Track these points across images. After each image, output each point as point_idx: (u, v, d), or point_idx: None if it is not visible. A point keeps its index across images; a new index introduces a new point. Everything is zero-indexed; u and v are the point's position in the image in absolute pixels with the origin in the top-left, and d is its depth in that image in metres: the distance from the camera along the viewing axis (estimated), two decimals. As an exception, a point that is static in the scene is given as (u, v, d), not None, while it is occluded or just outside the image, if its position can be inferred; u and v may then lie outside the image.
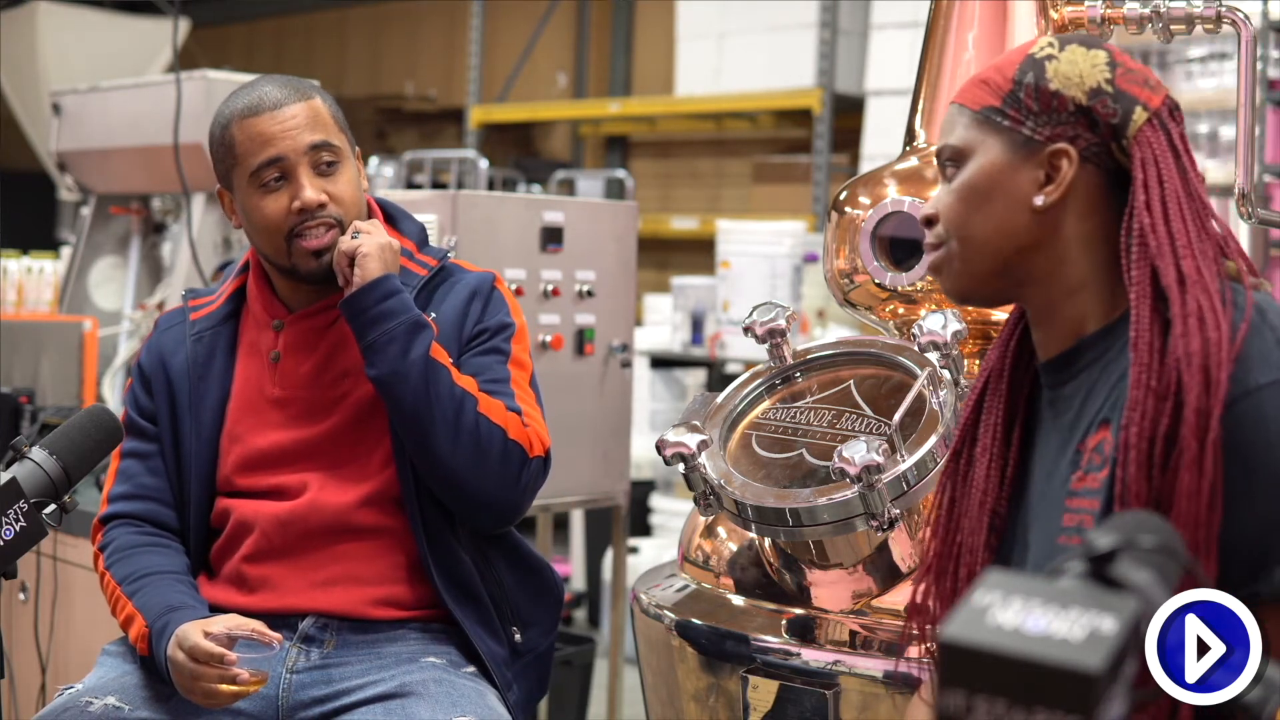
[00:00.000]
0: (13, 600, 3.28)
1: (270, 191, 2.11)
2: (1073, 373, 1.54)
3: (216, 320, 2.23)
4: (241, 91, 2.17)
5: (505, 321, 2.20)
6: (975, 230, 1.54)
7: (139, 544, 2.15)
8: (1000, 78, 1.55)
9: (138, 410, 2.23)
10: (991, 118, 1.54)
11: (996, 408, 1.63)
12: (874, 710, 1.96)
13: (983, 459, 1.62)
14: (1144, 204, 1.48)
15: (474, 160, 7.37)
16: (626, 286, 3.35)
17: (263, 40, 12.14)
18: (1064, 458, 1.52)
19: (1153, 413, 1.39)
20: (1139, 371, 1.42)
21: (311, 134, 2.12)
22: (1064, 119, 1.51)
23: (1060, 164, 1.51)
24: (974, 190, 1.54)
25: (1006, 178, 1.53)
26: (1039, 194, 1.51)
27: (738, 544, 2.19)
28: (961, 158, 1.56)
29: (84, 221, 4.28)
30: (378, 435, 2.14)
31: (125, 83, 4.25)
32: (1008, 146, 1.53)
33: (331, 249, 2.12)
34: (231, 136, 2.13)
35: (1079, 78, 1.51)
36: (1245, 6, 2.25)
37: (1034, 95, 1.52)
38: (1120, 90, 1.51)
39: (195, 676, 1.94)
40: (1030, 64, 1.54)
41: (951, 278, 1.58)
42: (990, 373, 1.65)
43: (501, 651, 2.16)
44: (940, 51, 2.30)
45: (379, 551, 2.13)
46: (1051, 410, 1.57)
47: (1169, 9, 2.20)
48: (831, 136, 7.19)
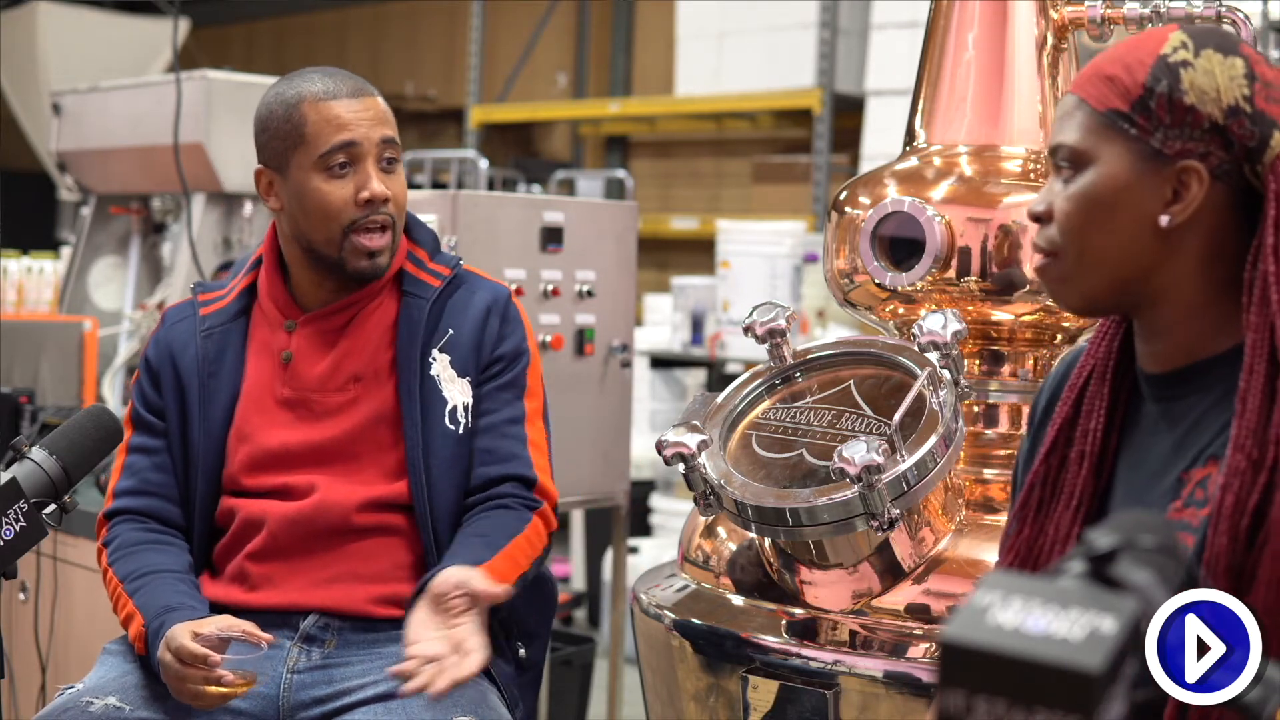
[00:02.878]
0: (13, 600, 3.28)
1: (335, 177, 2.11)
2: (1184, 391, 1.49)
3: (227, 317, 2.23)
4: (303, 77, 2.15)
5: (522, 349, 2.20)
6: (1094, 244, 1.47)
7: (142, 541, 2.15)
8: (1129, 79, 1.46)
9: (145, 405, 2.22)
10: (1117, 123, 1.46)
11: (1098, 411, 1.56)
12: (874, 710, 1.96)
13: (1078, 464, 1.56)
14: (1272, 248, 1.41)
15: (474, 160, 7.37)
16: (626, 286, 3.35)
17: (263, 40, 12.14)
18: (1165, 479, 1.47)
19: (1249, 484, 1.36)
20: (1242, 436, 1.37)
21: (383, 129, 2.13)
22: (1196, 135, 1.43)
23: (1190, 182, 1.44)
24: (1095, 201, 1.46)
25: (1131, 191, 1.45)
26: (1165, 212, 1.44)
27: (738, 544, 2.19)
28: (1081, 160, 1.48)
29: (84, 221, 4.29)
30: (390, 441, 2.14)
31: (125, 83, 4.25)
32: (1134, 157, 1.45)
33: (385, 250, 2.13)
34: (302, 115, 2.11)
35: (1216, 93, 1.43)
36: (1245, 6, 2.26)
37: (1167, 106, 1.44)
38: (1258, 111, 1.44)
39: (181, 678, 1.94)
40: (1164, 69, 1.45)
41: (1065, 293, 1.52)
42: (1090, 373, 1.58)
43: (508, 669, 2.16)
44: (940, 51, 2.30)
45: (383, 550, 2.13)
46: (1156, 423, 1.52)
47: (1169, 9, 2.21)
48: (831, 136, 7.18)
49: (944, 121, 2.29)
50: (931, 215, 2.16)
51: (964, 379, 2.04)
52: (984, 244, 2.16)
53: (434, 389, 2.14)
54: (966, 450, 2.12)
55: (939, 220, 2.16)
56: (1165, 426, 1.50)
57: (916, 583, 2.01)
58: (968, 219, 2.16)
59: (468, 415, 2.15)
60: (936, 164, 2.25)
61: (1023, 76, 2.26)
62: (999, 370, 2.25)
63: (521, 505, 2.13)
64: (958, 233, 2.16)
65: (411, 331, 2.15)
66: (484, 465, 2.14)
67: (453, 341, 2.16)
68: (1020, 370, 2.24)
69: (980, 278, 2.16)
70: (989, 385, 2.23)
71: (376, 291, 2.18)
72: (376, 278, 2.16)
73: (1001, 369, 2.25)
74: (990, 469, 2.14)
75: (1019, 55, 2.26)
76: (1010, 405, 2.21)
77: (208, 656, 1.92)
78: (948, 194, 2.19)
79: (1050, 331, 2.23)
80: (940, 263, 2.16)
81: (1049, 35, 2.27)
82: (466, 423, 2.15)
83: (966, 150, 2.25)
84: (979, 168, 2.22)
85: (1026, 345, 2.24)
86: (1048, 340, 2.24)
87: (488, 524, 2.10)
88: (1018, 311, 2.19)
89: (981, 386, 2.23)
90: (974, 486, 2.11)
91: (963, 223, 2.16)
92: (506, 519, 2.11)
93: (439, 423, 2.13)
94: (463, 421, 2.14)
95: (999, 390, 2.23)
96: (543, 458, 2.19)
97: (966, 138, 2.26)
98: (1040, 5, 2.27)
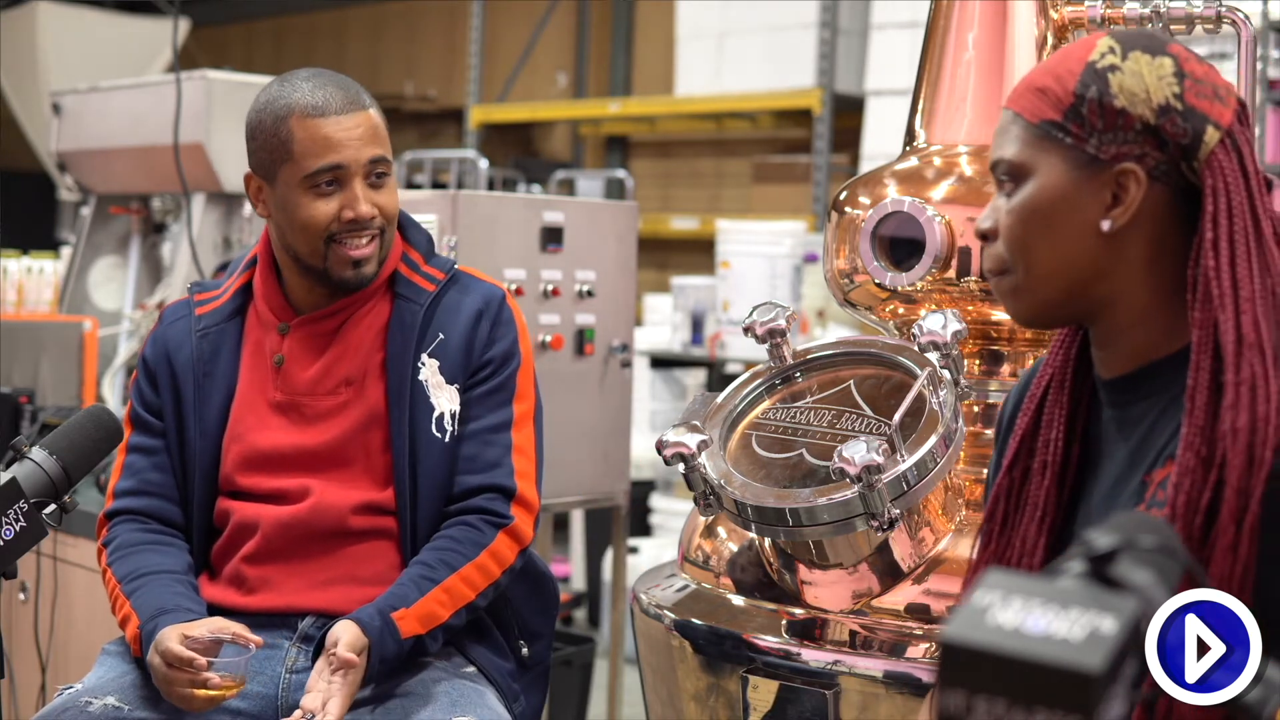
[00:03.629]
0: (13, 600, 3.28)
1: (321, 195, 2.09)
2: (1139, 395, 1.49)
3: (222, 317, 2.22)
4: (294, 85, 2.12)
5: (513, 351, 2.19)
6: (1040, 256, 1.47)
7: (141, 541, 2.15)
8: (1060, 89, 1.47)
9: (143, 404, 2.22)
10: (1051, 133, 1.47)
11: (1057, 421, 1.56)
12: (874, 710, 1.96)
13: (1040, 475, 1.56)
14: (1211, 243, 1.42)
15: (474, 160, 7.37)
16: (626, 286, 3.35)
17: (262, 40, 12.13)
18: (1128, 484, 1.48)
19: (1199, 482, 1.37)
20: (1191, 434, 1.38)
21: (372, 148, 2.11)
22: (1130, 138, 1.44)
23: (1128, 184, 1.44)
24: (1036, 212, 1.47)
25: (1070, 199, 1.46)
26: (1105, 217, 1.45)
27: (738, 544, 2.19)
28: (1020, 173, 1.49)
29: (84, 221, 4.29)
30: (381, 445, 2.14)
31: (125, 83, 4.26)
32: (1070, 165, 1.46)
33: (371, 259, 2.12)
34: (289, 131, 2.09)
35: (1145, 93, 1.44)
36: (1245, 6, 2.26)
37: (1098, 111, 1.45)
38: (1190, 107, 1.44)
39: (169, 681, 1.94)
40: (1092, 75, 1.46)
41: (1020, 307, 1.52)
42: (1049, 383, 1.59)
43: (507, 666, 2.16)
44: (940, 51, 2.30)
45: (378, 553, 2.13)
46: (1115, 429, 1.52)
47: (1169, 9, 2.21)
48: (831, 136, 7.18)
49: (944, 121, 2.29)
50: (931, 215, 2.16)
51: (964, 379, 2.04)
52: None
53: (422, 394, 2.13)
54: (966, 450, 2.12)
55: (939, 220, 2.16)
56: (1124, 431, 1.51)
57: (916, 583, 2.01)
58: (968, 219, 2.16)
59: (454, 423, 2.14)
60: (936, 164, 2.25)
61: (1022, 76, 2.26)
62: (999, 370, 2.25)
63: (487, 523, 2.11)
64: (958, 233, 2.16)
65: (404, 336, 2.15)
66: (464, 473, 2.13)
67: (442, 346, 2.15)
68: (1020, 370, 2.24)
69: (980, 278, 2.16)
70: (989, 385, 2.23)
71: (369, 295, 2.18)
72: (363, 286, 2.15)
73: (1001, 369, 2.25)
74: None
75: (1019, 55, 2.26)
76: (1010, 405, 2.21)
77: (193, 659, 1.91)
78: (948, 194, 2.19)
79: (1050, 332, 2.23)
80: (940, 263, 2.16)
81: (1049, 35, 2.27)
82: (453, 430, 2.14)
83: (966, 150, 2.25)
84: (979, 168, 2.22)
85: (1026, 345, 2.24)
86: (1047, 340, 2.24)
87: (437, 552, 2.09)
88: (1018, 311, 2.19)
89: (981, 386, 2.23)
90: (974, 486, 2.11)
91: (963, 223, 2.16)
92: (463, 544, 2.09)
93: (425, 429, 2.13)
94: (449, 429, 2.13)
95: (999, 390, 2.23)
96: (528, 463, 2.17)
97: (966, 138, 2.26)
98: (1040, 5, 2.27)
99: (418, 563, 2.08)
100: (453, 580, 2.06)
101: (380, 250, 2.14)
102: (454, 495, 2.13)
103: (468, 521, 2.11)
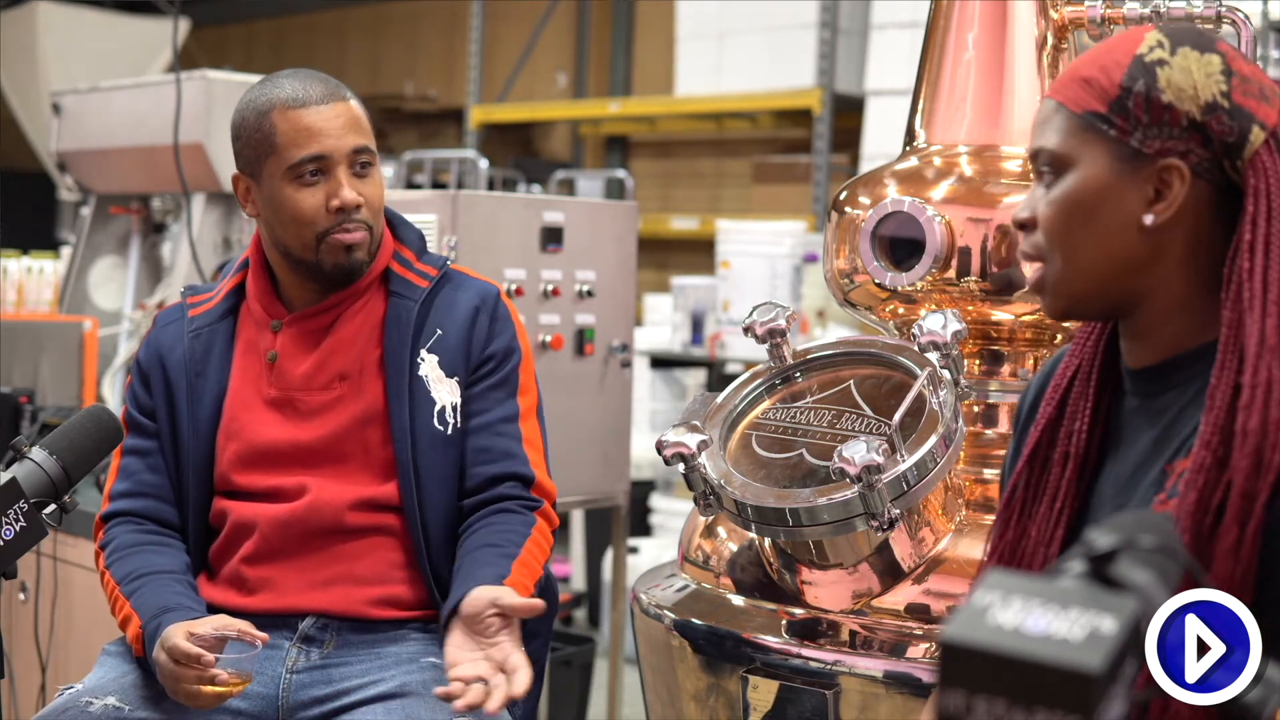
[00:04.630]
0: (13, 600, 3.28)
1: (306, 185, 2.10)
2: (1168, 384, 1.49)
3: (214, 317, 2.23)
4: (274, 82, 2.15)
5: (513, 346, 2.20)
6: (1079, 248, 1.47)
7: (139, 542, 2.15)
8: (1106, 80, 1.45)
9: (137, 407, 2.23)
10: (1095, 124, 1.45)
11: (1082, 412, 1.55)
12: (874, 710, 1.96)
13: (1061, 465, 1.55)
14: (1248, 244, 1.42)
15: (474, 160, 7.37)
16: (626, 286, 3.35)
17: (262, 40, 12.14)
18: (1149, 472, 1.47)
19: (1213, 481, 1.36)
20: (1209, 432, 1.38)
21: (354, 137, 2.12)
22: (1175, 133, 1.43)
23: (1171, 180, 1.43)
24: (1078, 205, 1.46)
25: (1113, 193, 1.45)
26: (1148, 212, 1.44)
27: (738, 544, 2.19)
28: (1061, 164, 1.48)
29: (84, 221, 4.29)
30: (378, 441, 2.14)
31: (125, 83, 4.25)
32: (1113, 158, 1.45)
33: (362, 245, 2.13)
34: (272, 124, 2.11)
35: (1193, 90, 1.43)
36: (1245, 6, 2.26)
37: (1144, 105, 1.44)
38: (1236, 106, 1.43)
39: (176, 678, 1.94)
40: (1140, 69, 1.44)
41: (1055, 301, 1.51)
42: (1075, 374, 1.58)
43: None
44: (940, 51, 2.30)
45: (377, 551, 2.13)
46: (1140, 417, 1.52)
47: (1169, 9, 2.21)
48: (831, 136, 7.18)
49: (944, 121, 2.29)
50: (931, 215, 2.16)
51: (964, 379, 2.04)
52: (984, 244, 2.16)
53: (422, 389, 2.14)
54: (966, 450, 2.12)
55: (939, 220, 2.16)
56: (1149, 419, 1.50)
57: (916, 583, 2.01)
58: (968, 219, 2.16)
59: (456, 415, 2.15)
60: (936, 164, 2.25)
61: (1023, 76, 2.26)
62: (999, 370, 2.25)
63: (522, 506, 2.12)
64: (958, 233, 2.16)
65: (400, 332, 2.15)
66: (480, 465, 2.14)
67: (441, 342, 2.16)
68: (1020, 370, 2.24)
69: (980, 278, 2.16)
70: (989, 385, 2.23)
71: (362, 291, 2.18)
72: (356, 274, 2.15)
73: (1001, 369, 2.25)
74: (990, 469, 2.14)
75: (1019, 55, 2.26)
76: (1010, 405, 2.21)
77: (201, 656, 1.92)
78: (948, 194, 2.19)
79: (1050, 331, 2.23)
80: (940, 263, 2.16)
81: (1049, 35, 2.27)
82: (455, 423, 2.14)
83: (966, 150, 2.25)
84: (979, 168, 2.22)
85: (1026, 345, 2.24)
86: (1048, 340, 2.24)
87: (495, 532, 2.09)
88: (1018, 311, 2.19)
89: (981, 386, 2.23)
90: (974, 486, 2.11)
91: (963, 223, 2.16)
92: (513, 524, 2.10)
93: (427, 423, 2.13)
94: (451, 422, 2.14)
95: (999, 390, 2.23)
96: (539, 455, 2.18)
97: (966, 138, 2.26)
98: (1040, 5, 2.27)
99: (482, 546, 2.06)
100: (524, 555, 2.06)
101: (370, 242, 2.15)
102: (470, 488, 2.14)
103: (505, 507, 2.12)
